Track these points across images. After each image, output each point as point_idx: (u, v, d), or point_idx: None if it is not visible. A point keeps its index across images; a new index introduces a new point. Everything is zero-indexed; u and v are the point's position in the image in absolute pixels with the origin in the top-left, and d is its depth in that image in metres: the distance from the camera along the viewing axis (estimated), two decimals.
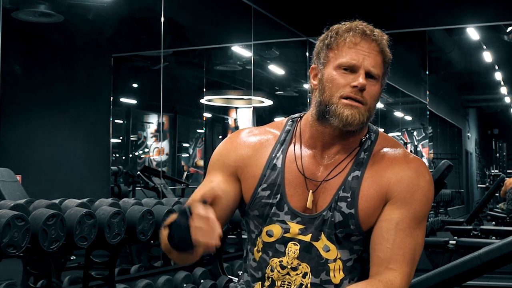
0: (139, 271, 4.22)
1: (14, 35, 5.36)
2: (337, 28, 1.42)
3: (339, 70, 1.38)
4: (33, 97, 5.95)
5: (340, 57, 1.38)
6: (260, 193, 1.42)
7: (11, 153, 5.70)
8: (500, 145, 10.45)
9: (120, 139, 6.73)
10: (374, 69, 1.38)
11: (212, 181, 1.46)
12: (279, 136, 1.47)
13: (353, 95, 1.36)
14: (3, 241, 2.29)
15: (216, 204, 1.35)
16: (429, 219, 7.84)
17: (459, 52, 9.21)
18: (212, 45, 6.43)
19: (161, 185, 5.53)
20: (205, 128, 7.51)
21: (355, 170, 1.41)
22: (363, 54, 1.37)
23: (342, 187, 1.39)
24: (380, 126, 9.89)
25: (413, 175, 1.39)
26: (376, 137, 1.47)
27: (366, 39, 1.38)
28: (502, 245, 2.01)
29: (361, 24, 1.41)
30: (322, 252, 1.39)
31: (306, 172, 1.42)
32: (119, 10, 5.85)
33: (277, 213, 1.41)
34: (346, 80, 1.37)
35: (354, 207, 1.38)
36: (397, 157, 1.43)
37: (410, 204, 1.38)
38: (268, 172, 1.43)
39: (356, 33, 1.38)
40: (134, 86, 7.02)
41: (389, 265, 1.34)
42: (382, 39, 1.41)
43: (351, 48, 1.37)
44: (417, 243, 1.38)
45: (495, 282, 4.53)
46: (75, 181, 5.75)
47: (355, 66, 1.37)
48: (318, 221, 1.39)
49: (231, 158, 1.46)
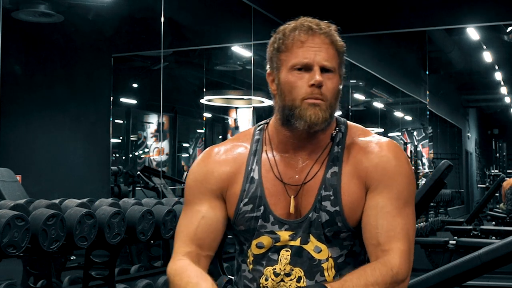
0: (139, 271, 4.22)
1: (14, 35, 5.36)
2: (283, 29, 1.39)
3: (294, 71, 1.36)
4: (33, 97, 5.95)
5: (292, 58, 1.36)
6: (243, 208, 1.41)
7: (11, 153, 5.70)
8: (500, 145, 10.44)
9: (120, 139, 6.73)
10: (328, 62, 1.36)
11: (200, 211, 1.43)
12: (250, 148, 1.46)
13: (313, 95, 1.35)
14: (3, 241, 2.29)
15: (213, 238, 1.42)
16: (429, 219, 7.84)
17: (459, 52, 9.21)
18: (212, 45, 6.43)
19: (161, 185, 5.53)
20: (205, 128, 7.51)
21: (332, 166, 1.40)
22: (314, 50, 1.35)
23: (323, 186, 1.39)
24: (380, 126, 9.89)
25: (388, 158, 1.39)
26: (346, 129, 1.46)
27: (313, 34, 1.36)
28: (502, 245, 2.01)
29: (306, 21, 1.39)
30: (313, 254, 1.39)
31: (284, 178, 1.41)
32: (119, 10, 5.85)
33: (264, 225, 1.40)
34: (303, 81, 1.35)
35: (338, 204, 1.37)
36: (370, 144, 1.42)
37: (391, 186, 1.37)
38: (247, 186, 1.42)
39: (302, 30, 1.36)
40: (134, 86, 7.02)
41: (383, 248, 1.34)
42: (330, 30, 1.38)
43: (300, 47, 1.36)
44: (408, 222, 1.37)
45: (495, 282, 4.53)
46: (75, 181, 5.75)
47: (308, 64, 1.35)
48: (305, 224, 1.39)
49: (211, 181, 1.44)
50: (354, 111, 8.63)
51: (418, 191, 2.68)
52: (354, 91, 8.78)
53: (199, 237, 1.42)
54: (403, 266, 1.33)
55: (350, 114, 8.14)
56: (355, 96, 9.00)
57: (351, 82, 8.54)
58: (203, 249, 1.42)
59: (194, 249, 1.41)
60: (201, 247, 1.42)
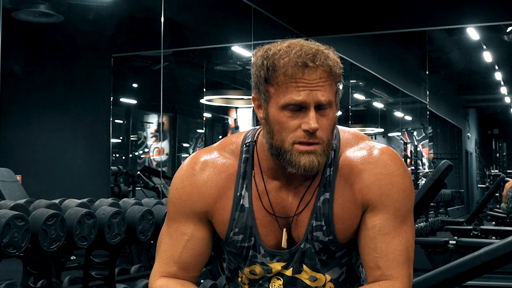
0: (139, 271, 4.22)
1: (14, 35, 5.36)
2: (273, 58, 1.21)
3: (285, 111, 1.20)
4: (33, 97, 5.95)
5: (283, 95, 1.19)
6: (233, 238, 1.32)
7: (11, 153, 5.71)
8: (500, 145, 10.44)
9: (120, 139, 6.73)
10: (324, 98, 1.20)
11: (185, 233, 1.33)
12: (238, 168, 1.32)
13: (307, 139, 1.20)
14: (3, 241, 2.29)
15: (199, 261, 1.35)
16: (429, 219, 7.84)
17: (459, 52, 9.21)
18: (212, 45, 6.43)
19: (161, 185, 5.53)
20: (205, 128, 7.51)
21: (323, 193, 1.29)
22: (309, 88, 1.19)
23: (313, 216, 1.29)
24: (380, 126, 9.90)
25: (382, 175, 1.28)
26: (338, 143, 1.32)
27: (308, 71, 1.19)
28: (502, 245, 2.01)
29: (300, 51, 1.20)
30: (308, 283, 1.33)
31: (275, 208, 1.31)
32: (119, 10, 5.85)
33: (255, 255, 1.33)
34: (296, 122, 1.20)
35: (332, 233, 1.29)
36: (363, 161, 1.29)
37: (389, 205, 1.28)
38: (237, 214, 1.31)
39: (297, 67, 1.19)
40: (134, 86, 7.02)
41: (384, 273, 1.28)
42: (328, 61, 1.21)
43: (293, 84, 1.19)
44: (407, 240, 1.29)
45: (495, 282, 4.53)
46: (75, 181, 5.75)
47: (302, 104, 1.19)
48: (298, 254, 1.32)
49: (196, 203, 1.32)
50: (354, 111, 8.64)
51: (418, 191, 2.68)
52: (354, 91, 8.78)
53: (183, 261, 1.34)
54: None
55: (350, 114, 8.14)
56: (355, 96, 9.00)
57: (351, 82, 8.54)
58: (187, 272, 1.35)
59: (175, 270, 1.34)
60: (185, 270, 1.35)
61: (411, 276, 1.31)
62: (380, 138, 10.06)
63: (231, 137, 1.39)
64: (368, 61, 7.87)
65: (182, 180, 1.34)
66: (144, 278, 3.62)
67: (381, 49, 7.85)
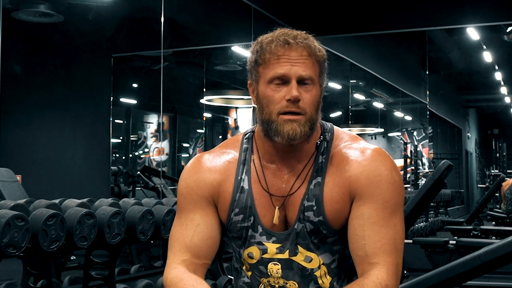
0: (139, 271, 4.22)
1: (14, 35, 5.36)
2: (261, 41, 1.38)
3: (271, 85, 1.34)
4: (33, 97, 5.95)
5: (269, 71, 1.34)
6: (234, 218, 1.41)
7: (11, 153, 5.71)
8: (500, 145, 10.44)
9: (120, 139, 6.73)
10: (306, 73, 1.33)
11: (194, 219, 1.42)
12: (239, 157, 1.45)
13: (289, 109, 1.33)
14: (3, 241, 2.29)
15: (209, 245, 1.41)
16: (429, 219, 7.84)
17: (459, 52, 9.21)
18: (212, 45, 6.44)
19: (161, 185, 5.53)
20: (205, 128, 7.51)
21: (316, 177, 1.39)
22: (291, 63, 1.33)
23: (306, 197, 1.38)
24: (380, 126, 9.90)
25: (371, 167, 1.36)
26: (331, 136, 1.44)
27: (289, 47, 1.33)
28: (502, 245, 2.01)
29: (283, 33, 1.36)
30: (304, 264, 1.39)
31: (271, 189, 1.41)
32: (119, 10, 5.85)
33: (253, 235, 1.41)
34: (280, 94, 1.33)
35: (321, 214, 1.36)
36: (354, 153, 1.39)
37: (377, 196, 1.34)
38: (237, 196, 1.41)
39: (279, 44, 1.34)
40: (134, 86, 7.02)
41: (371, 260, 1.32)
42: (307, 41, 1.35)
43: (277, 60, 1.34)
44: (396, 232, 1.34)
45: (495, 282, 4.53)
46: (75, 181, 5.75)
47: (285, 77, 1.33)
48: (292, 235, 1.39)
49: (203, 188, 1.43)
50: (354, 111, 8.64)
51: (418, 191, 2.69)
52: (354, 91, 8.78)
53: (195, 245, 1.40)
54: (392, 279, 1.31)
55: (350, 114, 8.14)
56: (355, 96, 9.00)
57: (351, 82, 8.55)
58: (199, 258, 1.41)
59: (189, 257, 1.40)
60: (197, 256, 1.41)
61: (399, 266, 1.34)
62: (380, 138, 10.07)
63: (232, 137, 1.52)
64: (368, 61, 7.88)
65: (189, 171, 1.47)
66: (144, 278, 3.62)
67: (381, 49, 7.86)
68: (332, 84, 8.53)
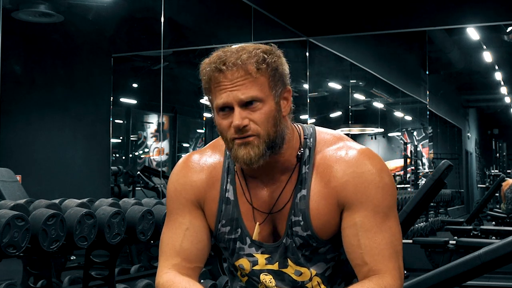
0: (139, 271, 4.22)
1: (14, 35, 5.36)
2: (201, 68, 1.32)
3: (220, 113, 1.29)
4: (33, 97, 5.95)
5: (214, 99, 1.30)
6: (222, 229, 1.38)
7: (11, 153, 5.71)
8: (500, 145, 10.44)
9: (120, 139, 6.73)
10: (245, 95, 1.26)
11: (183, 223, 1.39)
12: (223, 163, 1.40)
13: (238, 135, 1.27)
14: (3, 241, 2.29)
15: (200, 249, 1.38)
16: (429, 219, 7.84)
17: (459, 52, 9.21)
18: (212, 45, 6.43)
19: (161, 185, 5.53)
20: (205, 128, 7.51)
21: (300, 190, 1.34)
22: (229, 89, 1.26)
23: (292, 211, 1.34)
24: (380, 126, 9.90)
25: (356, 173, 1.30)
26: (314, 142, 1.37)
27: (223, 74, 1.27)
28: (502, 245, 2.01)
29: (216, 57, 1.29)
30: (294, 277, 1.37)
31: (255, 203, 1.36)
32: (119, 10, 5.85)
33: (242, 247, 1.38)
34: (228, 121, 1.28)
35: (309, 229, 1.33)
36: (338, 160, 1.33)
37: (366, 202, 1.29)
38: (223, 207, 1.38)
39: (212, 72, 1.28)
40: (134, 86, 7.02)
41: (372, 268, 1.29)
42: (241, 60, 1.27)
43: (216, 87, 1.29)
44: (392, 235, 1.30)
45: (495, 282, 4.53)
46: (75, 181, 5.75)
47: (227, 105, 1.27)
48: (281, 249, 1.36)
49: (190, 192, 1.39)
50: (354, 111, 8.64)
51: (418, 191, 2.69)
52: (354, 91, 8.78)
53: (185, 249, 1.38)
54: (396, 283, 1.29)
55: (350, 114, 8.14)
56: (355, 96, 9.00)
57: (351, 82, 8.55)
58: (190, 262, 1.38)
59: (180, 261, 1.38)
60: (188, 260, 1.38)
61: (400, 268, 1.32)
62: (380, 138, 10.07)
63: (220, 138, 1.44)
64: (368, 61, 7.88)
65: (176, 174, 1.44)
66: (144, 278, 3.62)
67: (381, 49, 7.85)
68: (332, 84, 8.53)
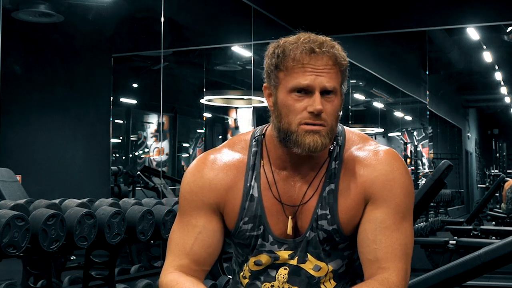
0: (139, 271, 4.22)
1: (14, 35, 5.36)
2: (283, 45, 1.30)
3: (293, 94, 1.28)
4: (33, 97, 5.95)
5: (291, 79, 1.28)
6: (243, 227, 1.37)
7: (11, 153, 5.71)
8: (500, 145, 10.44)
9: (120, 139, 6.73)
10: (329, 84, 1.28)
11: (196, 226, 1.37)
12: (247, 161, 1.39)
13: (312, 120, 1.28)
14: (3, 241, 2.29)
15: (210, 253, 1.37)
16: (429, 219, 7.84)
17: (459, 52, 9.21)
18: (212, 45, 6.44)
19: (161, 185, 5.53)
20: (205, 128, 7.51)
21: (329, 184, 1.35)
22: (315, 73, 1.27)
23: (319, 205, 1.35)
24: (380, 126, 9.90)
25: (385, 170, 1.34)
26: (343, 139, 1.39)
27: (315, 56, 1.27)
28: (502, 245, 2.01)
29: (308, 38, 1.30)
30: (312, 272, 1.37)
31: (283, 197, 1.36)
32: (119, 10, 5.85)
33: (263, 244, 1.37)
34: (302, 105, 1.28)
35: (336, 223, 1.34)
36: (367, 157, 1.36)
37: (390, 200, 1.32)
38: (247, 204, 1.36)
39: (303, 51, 1.27)
40: (134, 86, 7.02)
41: (382, 265, 1.30)
42: (333, 50, 1.30)
43: (300, 69, 1.27)
44: (406, 237, 1.33)
45: (495, 282, 4.53)
46: (75, 181, 5.75)
47: (308, 87, 1.27)
48: (303, 244, 1.36)
49: (207, 195, 1.37)
50: (354, 111, 8.64)
51: (418, 191, 2.69)
52: (354, 91, 8.78)
53: (195, 253, 1.37)
54: (401, 284, 1.30)
55: (350, 114, 8.14)
56: (355, 96, 9.00)
57: (351, 82, 8.54)
58: (198, 265, 1.38)
59: (188, 263, 1.37)
60: (196, 263, 1.38)
61: (408, 271, 1.33)
62: (380, 138, 10.06)
63: (239, 135, 1.45)
64: (368, 61, 7.87)
65: (193, 174, 1.40)
66: (144, 278, 3.62)
67: (381, 49, 7.85)
68: None
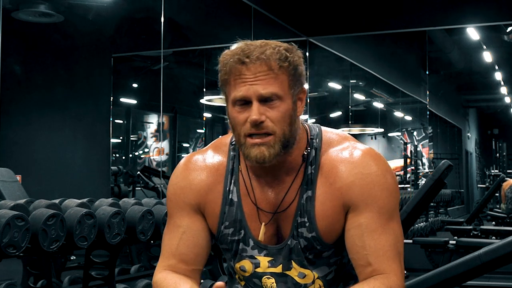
0: (139, 271, 4.22)
1: (14, 35, 5.36)
2: (221, 60, 1.29)
3: (236, 107, 1.26)
4: (33, 97, 5.96)
5: (231, 92, 1.27)
6: (224, 231, 1.36)
7: (11, 153, 5.71)
8: (500, 145, 10.44)
9: (120, 139, 6.73)
10: (266, 90, 1.24)
11: (180, 226, 1.38)
12: (227, 165, 1.38)
13: (255, 130, 1.25)
14: (3, 241, 2.29)
15: (197, 252, 1.37)
16: (429, 219, 7.84)
17: (459, 52, 9.21)
18: (212, 45, 6.44)
19: (161, 185, 5.53)
20: (205, 128, 7.51)
21: (306, 190, 1.32)
22: (249, 83, 1.24)
23: (298, 212, 1.32)
24: (380, 126, 9.90)
25: (362, 174, 1.30)
26: (319, 143, 1.35)
27: (246, 66, 1.25)
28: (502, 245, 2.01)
29: (240, 49, 1.27)
30: (298, 280, 1.37)
31: (260, 203, 1.35)
32: (119, 10, 5.85)
33: (244, 249, 1.37)
34: (244, 116, 1.26)
35: (314, 230, 1.32)
36: (343, 160, 1.32)
37: (371, 204, 1.29)
38: (227, 208, 1.36)
39: (234, 63, 1.25)
40: (134, 86, 7.03)
41: (376, 269, 1.29)
42: (266, 55, 1.25)
43: (236, 80, 1.25)
44: (396, 236, 1.31)
45: (495, 282, 4.53)
46: (75, 181, 5.75)
47: (245, 98, 1.25)
48: (285, 251, 1.35)
49: (189, 196, 1.37)
50: (354, 111, 8.64)
51: (418, 191, 2.69)
52: (354, 91, 8.78)
53: (181, 253, 1.38)
54: (401, 283, 1.30)
55: (350, 114, 8.14)
56: (355, 96, 9.00)
57: (351, 82, 8.55)
58: (187, 264, 1.38)
59: (176, 263, 1.38)
60: (184, 262, 1.38)
61: (402, 269, 1.32)
62: (380, 138, 10.07)
63: (224, 136, 1.45)
64: (368, 61, 7.87)
65: (176, 177, 1.41)
66: (144, 278, 3.62)
67: (381, 49, 7.85)
68: (332, 84, 8.53)
